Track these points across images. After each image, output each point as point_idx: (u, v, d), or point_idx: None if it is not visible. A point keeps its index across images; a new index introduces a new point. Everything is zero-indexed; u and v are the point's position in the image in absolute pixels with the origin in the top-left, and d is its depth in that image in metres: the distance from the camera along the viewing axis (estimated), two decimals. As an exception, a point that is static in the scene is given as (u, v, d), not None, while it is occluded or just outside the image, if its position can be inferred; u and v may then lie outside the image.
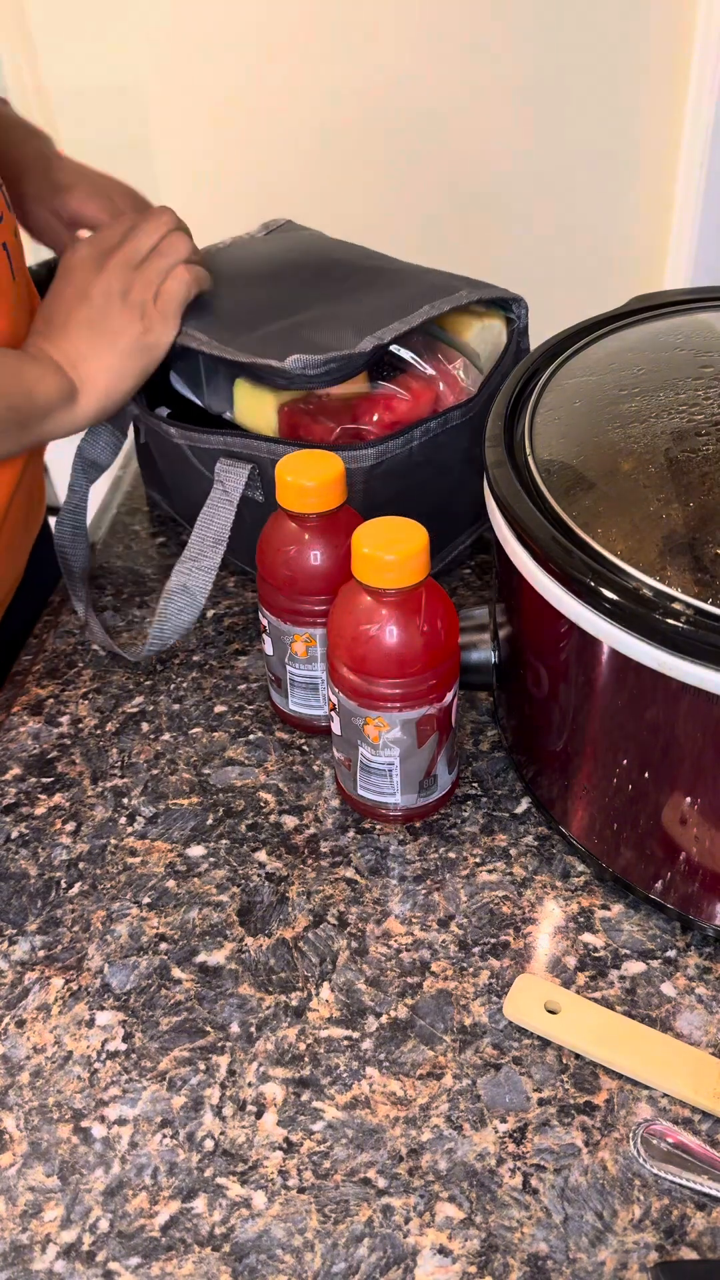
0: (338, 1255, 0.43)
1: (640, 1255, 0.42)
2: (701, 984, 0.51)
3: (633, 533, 0.47)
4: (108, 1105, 0.48)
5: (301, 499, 0.56)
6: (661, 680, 0.44)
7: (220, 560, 0.66)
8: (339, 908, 0.55)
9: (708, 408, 0.51)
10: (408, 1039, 0.49)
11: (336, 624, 0.54)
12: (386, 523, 0.51)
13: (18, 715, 0.67)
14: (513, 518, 0.49)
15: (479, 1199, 0.44)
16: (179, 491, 0.76)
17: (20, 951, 0.54)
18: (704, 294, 0.63)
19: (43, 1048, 0.50)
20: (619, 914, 0.54)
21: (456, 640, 0.54)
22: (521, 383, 0.58)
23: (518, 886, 0.56)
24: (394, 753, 0.55)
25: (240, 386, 0.68)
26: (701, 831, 0.49)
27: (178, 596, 0.66)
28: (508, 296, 0.71)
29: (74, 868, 0.58)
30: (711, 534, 0.46)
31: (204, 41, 1.54)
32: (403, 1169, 0.45)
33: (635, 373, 0.56)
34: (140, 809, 0.61)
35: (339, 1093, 0.48)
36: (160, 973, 0.53)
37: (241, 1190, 0.45)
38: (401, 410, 0.66)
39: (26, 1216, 0.44)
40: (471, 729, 0.64)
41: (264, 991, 0.51)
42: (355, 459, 0.63)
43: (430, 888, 0.56)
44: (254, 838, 0.59)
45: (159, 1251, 0.43)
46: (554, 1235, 0.43)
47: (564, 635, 0.48)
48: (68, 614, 0.75)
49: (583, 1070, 0.48)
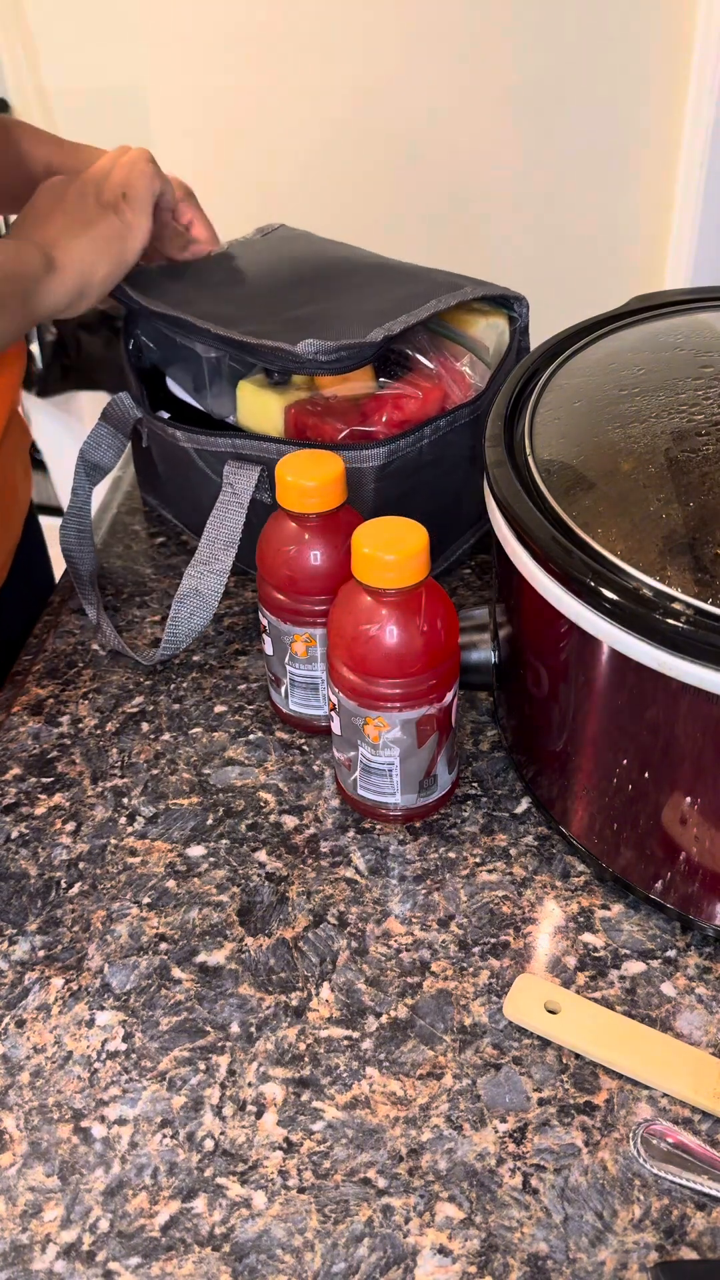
0: (338, 1255, 0.43)
1: (640, 1255, 0.42)
2: (701, 984, 0.51)
3: (633, 533, 0.47)
4: (108, 1105, 0.48)
5: (301, 499, 0.56)
6: (661, 680, 0.44)
7: (231, 563, 0.65)
8: (339, 908, 0.55)
9: (708, 408, 0.51)
10: (408, 1039, 0.49)
11: (336, 624, 0.54)
12: (386, 523, 0.51)
13: (18, 715, 0.67)
14: (513, 518, 0.49)
15: (479, 1199, 0.44)
16: (182, 496, 0.76)
17: (20, 951, 0.54)
18: (704, 294, 0.63)
19: (43, 1048, 0.50)
20: (619, 914, 0.54)
21: (456, 640, 0.54)
22: (521, 383, 0.58)
23: (518, 886, 0.56)
24: (394, 753, 0.55)
25: (244, 388, 0.68)
26: (701, 831, 0.49)
27: (189, 600, 0.66)
28: (510, 295, 0.71)
29: (74, 868, 0.58)
30: (711, 534, 0.46)
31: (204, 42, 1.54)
32: (403, 1169, 0.45)
33: (635, 373, 0.56)
34: (140, 809, 0.61)
35: (339, 1093, 0.48)
36: (160, 973, 0.53)
37: (241, 1190, 0.45)
38: (410, 409, 0.66)
39: (26, 1216, 0.44)
40: (471, 729, 0.64)
41: (264, 991, 0.51)
42: (366, 458, 0.63)
43: (430, 888, 0.56)
44: (254, 838, 0.59)
45: (159, 1251, 0.43)
46: (554, 1235, 0.43)
47: (564, 635, 0.48)
48: (68, 614, 0.75)
49: (583, 1070, 0.48)
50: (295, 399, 0.66)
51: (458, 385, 0.68)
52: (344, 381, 0.67)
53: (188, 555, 0.79)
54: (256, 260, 0.76)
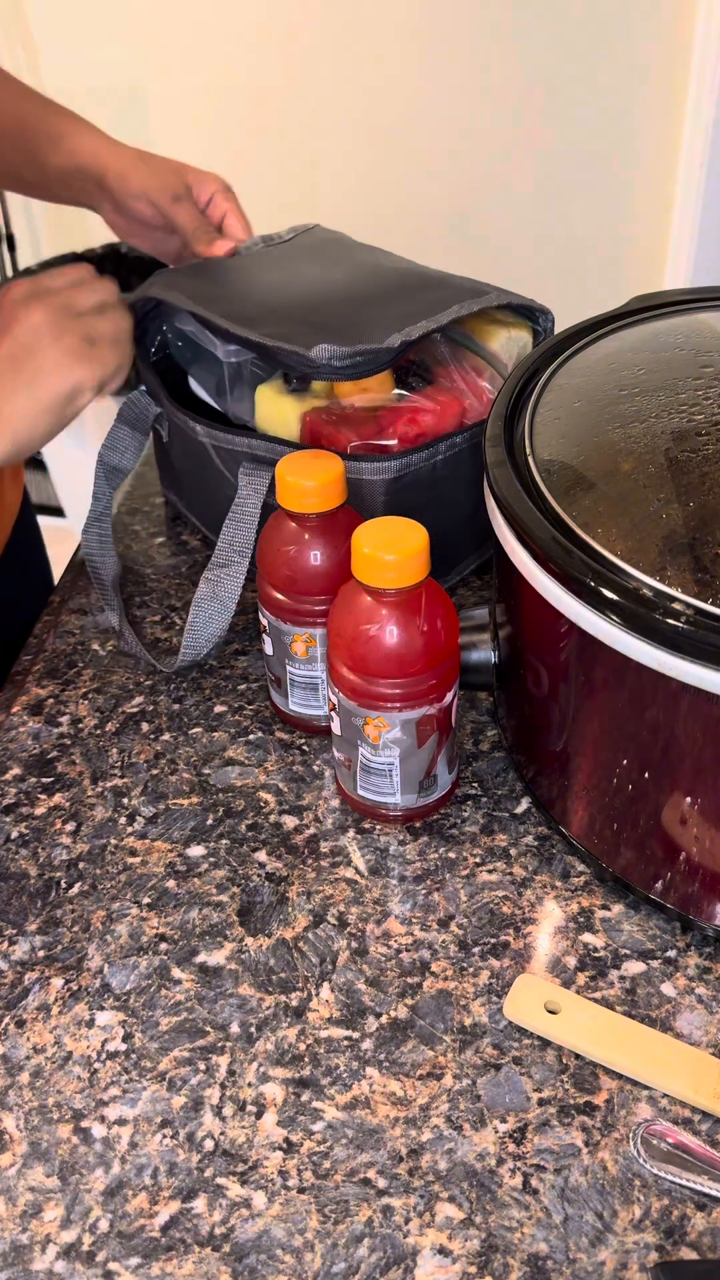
0: (338, 1255, 0.43)
1: (640, 1255, 0.42)
2: (701, 984, 0.51)
3: (633, 533, 0.47)
4: (108, 1105, 0.48)
5: (301, 499, 0.56)
6: (661, 680, 0.44)
7: (247, 567, 0.65)
8: (339, 908, 0.55)
9: (708, 408, 0.51)
10: (408, 1039, 0.49)
11: (336, 624, 0.54)
12: (386, 523, 0.51)
13: (18, 715, 0.67)
14: (513, 518, 0.49)
15: (479, 1199, 0.44)
16: (197, 493, 0.76)
17: (20, 951, 0.54)
18: (704, 294, 0.63)
19: (43, 1048, 0.50)
20: (619, 914, 0.54)
21: (456, 640, 0.54)
22: (521, 383, 0.58)
23: (518, 886, 0.56)
24: (394, 753, 0.55)
25: (262, 393, 0.68)
26: (701, 831, 0.49)
27: (207, 604, 0.65)
28: (535, 306, 0.69)
29: (74, 868, 0.58)
30: (711, 534, 0.46)
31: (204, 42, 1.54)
32: (403, 1169, 0.45)
33: (635, 373, 0.56)
34: (140, 809, 0.61)
35: (339, 1093, 0.48)
36: (160, 973, 0.53)
37: (241, 1190, 0.45)
38: (426, 423, 0.65)
39: (26, 1216, 0.44)
40: (471, 729, 0.64)
41: (264, 991, 0.51)
42: (378, 470, 0.63)
43: (430, 888, 0.56)
44: (254, 838, 0.59)
45: (159, 1252, 0.43)
46: (554, 1235, 0.43)
47: (564, 635, 0.48)
48: (68, 614, 0.75)
49: (583, 1070, 0.48)
50: (312, 406, 0.66)
51: (478, 400, 0.67)
52: (362, 391, 0.66)
53: (189, 555, 0.79)
54: (284, 261, 0.75)
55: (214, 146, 1.62)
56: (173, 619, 0.74)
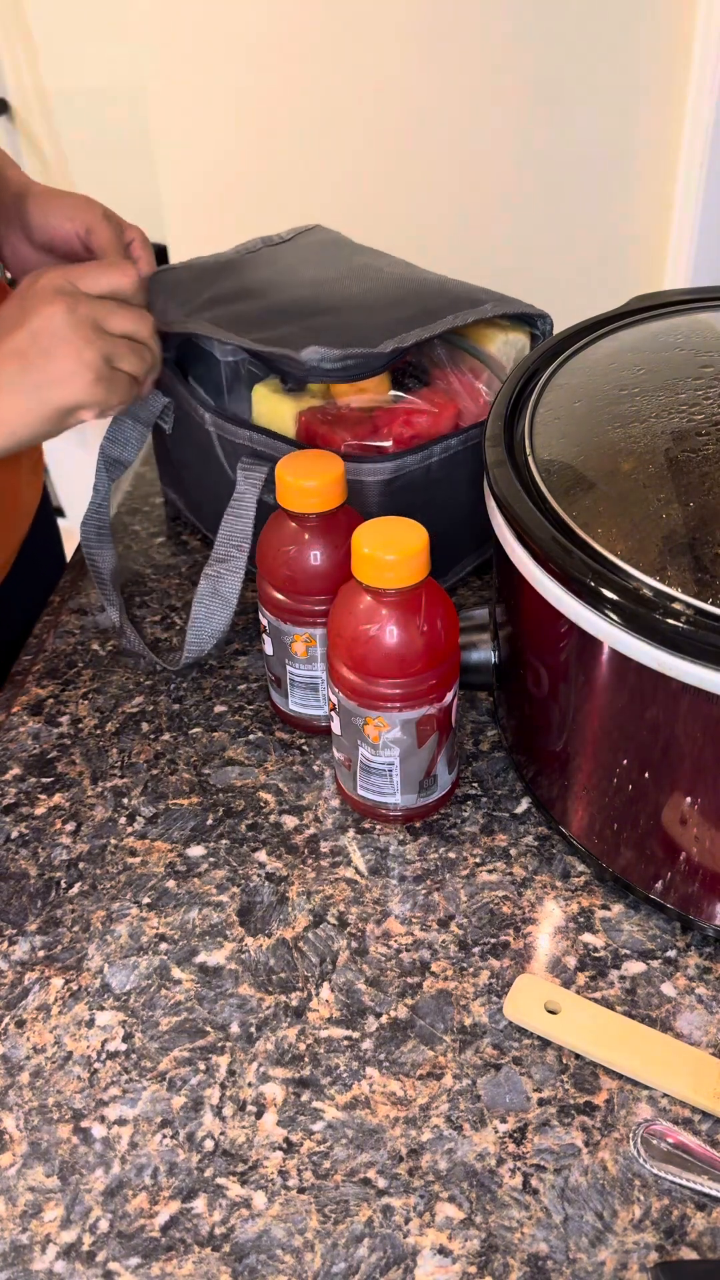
0: (338, 1255, 0.43)
1: (640, 1255, 0.42)
2: (701, 984, 0.51)
3: (633, 533, 0.47)
4: (108, 1105, 0.48)
5: (301, 499, 0.56)
6: (661, 680, 0.44)
7: (246, 562, 0.65)
8: (339, 908, 0.55)
9: (708, 408, 0.51)
10: (408, 1039, 0.49)
11: (336, 624, 0.54)
12: (386, 523, 0.51)
13: (18, 715, 0.67)
14: (513, 518, 0.49)
15: (479, 1199, 0.44)
16: (198, 489, 0.76)
17: (20, 951, 0.54)
18: (704, 294, 0.63)
19: (43, 1048, 0.50)
20: (619, 914, 0.54)
21: (456, 640, 0.54)
22: (521, 383, 0.58)
23: (518, 886, 0.56)
24: (394, 753, 0.55)
25: (259, 392, 0.68)
26: (701, 831, 0.49)
27: (208, 600, 0.65)
28: (533, 312, 0.69)
29: (74, 868, 0.58)
30: (711, 534, 0.46)
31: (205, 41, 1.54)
32: (403, 1169, 0.45)
33: (635, 373, 0.56)
34: (140, 809, 0.61)
35: (339, 1093, 0.48)
36: (160, 973, 0.53)
37: (241, 1190, 0.45)
38: (421, 425, 0.65)
39: (26, 1216, 0.44)
40: (471, 729, 0.64)
41: (264, 991, 0.51)
42: (373, 471, 0.63)
43: (430, 888, 0.56)
44: (254, 838, 0.59)
45: (159, 1252, 0.43)
46: (554, 1235, 0.43)
47: (564, 635, 0.48)
48: (68, 614, 0.75)
49: (583, 1070, 0.48)
50: (308, 405, 0.66)
51: (473, 403, 0.67)
52: (359, 391, 0.66)
53: (189, 555, 0.79)
54: (283, 261, 0.76)
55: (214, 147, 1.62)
56: (173, 619, 0.74)
